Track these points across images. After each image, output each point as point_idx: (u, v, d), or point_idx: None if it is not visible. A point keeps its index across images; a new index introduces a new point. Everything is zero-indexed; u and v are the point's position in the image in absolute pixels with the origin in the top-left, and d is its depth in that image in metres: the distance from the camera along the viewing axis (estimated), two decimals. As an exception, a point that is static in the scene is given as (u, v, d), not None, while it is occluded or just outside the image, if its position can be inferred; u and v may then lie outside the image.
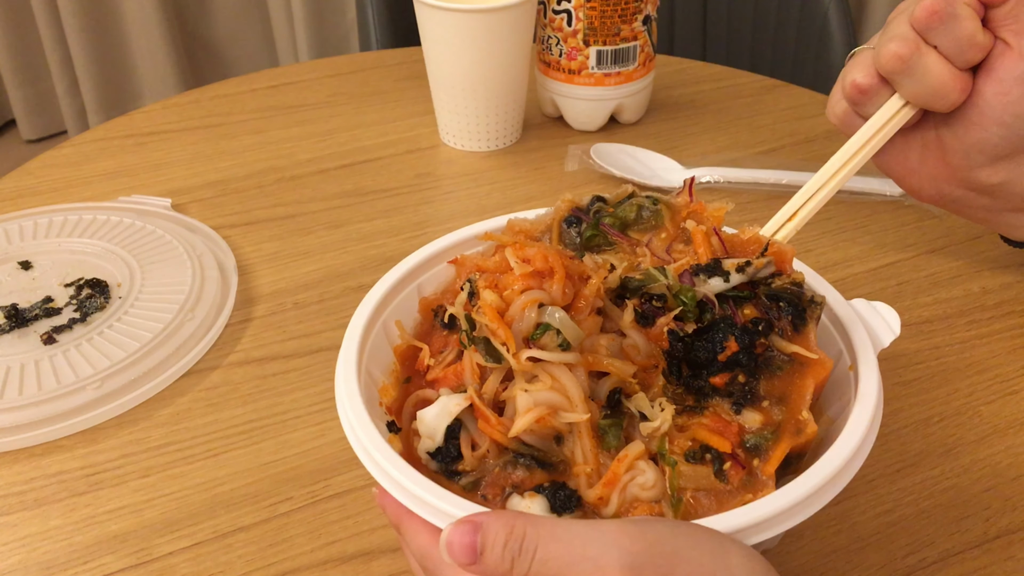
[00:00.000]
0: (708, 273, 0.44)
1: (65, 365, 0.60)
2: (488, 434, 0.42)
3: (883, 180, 0.78)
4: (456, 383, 0.44)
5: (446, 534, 0.35)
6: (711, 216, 0.49)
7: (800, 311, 0.44)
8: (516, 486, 0.42)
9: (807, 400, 0.42)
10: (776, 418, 0.42)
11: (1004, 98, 0.51)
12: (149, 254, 0.70)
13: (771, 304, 0.44)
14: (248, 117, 0.94)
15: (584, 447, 0.41)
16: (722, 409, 0.43)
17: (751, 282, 0.44)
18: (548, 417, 0.41)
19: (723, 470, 0.41)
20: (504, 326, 0.42)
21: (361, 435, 0.41)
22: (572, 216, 0.50)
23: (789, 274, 0.45)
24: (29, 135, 2.43)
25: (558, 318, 0.41)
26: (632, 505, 0.40)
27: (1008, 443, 0.55)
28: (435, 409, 0.43)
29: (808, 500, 0.38)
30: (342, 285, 0.70)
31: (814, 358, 0.43)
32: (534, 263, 0.43)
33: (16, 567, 0.49)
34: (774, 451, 0.41)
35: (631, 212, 0.49)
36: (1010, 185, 0.54)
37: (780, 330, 0.43)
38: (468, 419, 0.43)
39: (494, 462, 0.42)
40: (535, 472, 0.42)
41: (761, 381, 0.43)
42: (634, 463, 0.41)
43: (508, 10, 0.79)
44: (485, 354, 0.42)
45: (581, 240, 0.50)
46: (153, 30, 2.23)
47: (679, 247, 0.49)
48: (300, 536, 0.50)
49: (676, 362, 0.44)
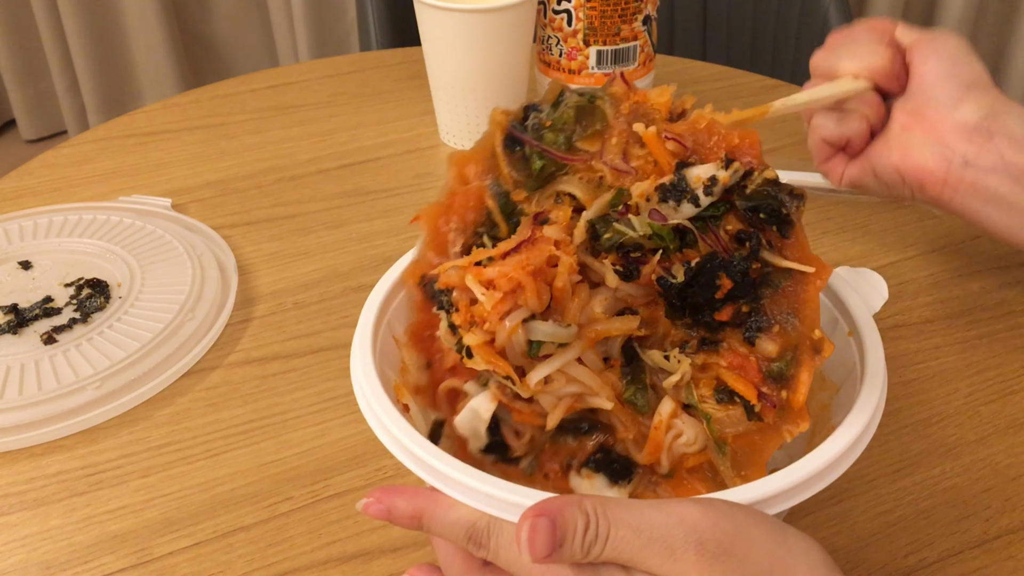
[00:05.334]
0: (676, 197, 0.41)
1: (65, 365, 0.60)
2: (525, 423, 0.42)
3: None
4: (474, 372, 0.43)
5: (525, 531, 0.35)
6: (656, 106, 0.44)
7: (784, 217, 0.41)
8: (572, 456, 0.42)
9: (818, 312, 0.41)
10: (792, 339, 0.41)
11: (935, 44, 0.58)
12: (149, 254, 0.70)
13: (752, 216, 0.41)
14: (248, 117, 0.94)
15: (619, 418, 0.42)
16: (736, 340, 0.41)
17: (726, 192, 0.42)
18: (576, 403, 0.41)
19: (756, 412, 0.41)
20: (501, 361, 0.40)
21: (401, 436, 0.40)
22: (511, 137, 0.46)
23: (759, 168, 0.42)
24: (29, 135, 2.42)
25: (545, 331, 0.40)
26: (682, 460, 0.41)
27: (1008, 443, 0.55)
28: (467, 415, 0.42)
29: (837, 461, 0.39)
30: (342, 285, 0.70)
31: (810, 271, 0.41)
32: (500, 286, 0.40)
33: (16, 567, 0.49)
34: (799, 377, 0.40)
35: (570, 116, 0.45)
36: (995, 117, 0.56)
37: (768, 242, 0.41)
38: (502, 412, 0.42)
39: (542, 439, 0.43)
40: (583, 440, 0.42)
41: (765, 302, 0.41)
42: (670, 423, 0.41)
43: (508, 10, 0.79)
44: (488, 377, 0.42)
45: (530, 171, 0.45)
46: (153, 30, 2.23)
47: (636, 152, 0.45)
48: (300, 536, 0.50)
49: (679, 307, 0.42)
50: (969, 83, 0.57)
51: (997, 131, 0.55)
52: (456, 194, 0.46)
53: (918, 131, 0.58)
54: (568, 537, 0.34)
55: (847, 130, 0.60)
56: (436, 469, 0.39)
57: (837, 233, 0.74)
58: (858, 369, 0.44)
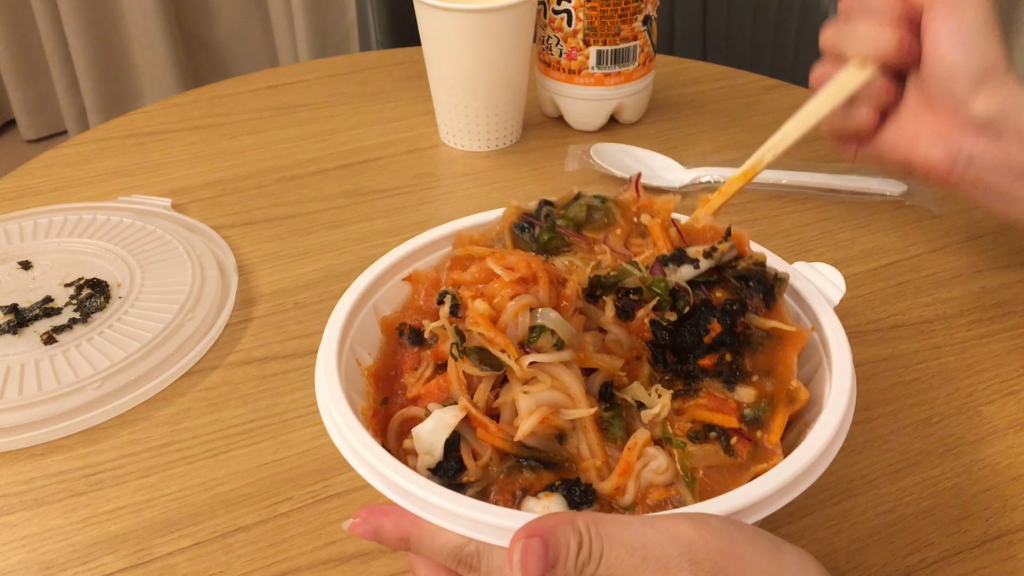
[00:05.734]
0: (676, 262, 0.46)
1: (65, 365, 0.60)
2: (489, 442, 0.42)
3: (883, 180, 0.78)
4: (441, 397, 0.44)
5: (517, 551, 0.34)
6: (661, 209, 0.50)
7: (769, 288, 0.45)
8: (526, 489, 0.42)
9: (793, 370, 0.44)
10: (768, 390, 0.44)
11: (951, 19, 0.54)
12: (149, 254, 0.70)
13: (741, 285, 0.45)
14: (248, 117, 0.94)
15: (591, 441, 0.42)
16: (715, 388, 0.44)
17: (717, 267, 0.46)
18: (551, 416, 0.41)
19: (731, 445, 0.42)
20: (501, 333, 0.42)
21: (367, 454, 0.40)
22: (522, 222, 0.51)
23: (750, 256, 0.47)
24: (29, 135, 2.43)
25: (552, 319, 0.42)
26: (648, 491, 0.41)
27: (1008, 443, 0.55)
28: (431, 424, 0.42)
29: (817, 461, 0.39)
30: (342, 285, 0.69)
31: (792, 330, 0.45)
32: (518, 270, 0.44)
33: (16, 567, 0.49)
34: (774, 421, 0.42)
35: (581, 212, 0.51)
36: (1007, 116, 0.54)
37: (754, 308, 0.45)
38: (465, 430, 0.42)
39: (497, 469, 0.42)
40: (542, 473, 0.42)
41: (746, 358, 0.45)
42: (643, 451, 0.41)
43: (508, 10, 0.79)
44: (479, 363, 0.42)
45: (537, 245, 0.50)
46: (153, 30, 2.23)
47: (636, 241, 0.50)
48: (300, 536, 0.50)
49: (661, 350, 0.45)
50: (983, 70, 0.54)
51: (1007, 129, 0.55)
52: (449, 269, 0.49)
53: (928, 120, 0.57)
54: (561, 557, 0.34)
55: (853, 123, 0.60)
56: (425, 500, 0.38)
57: (837, 233, 0.74)
58: (825, 364, 0.45)
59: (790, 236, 0.73)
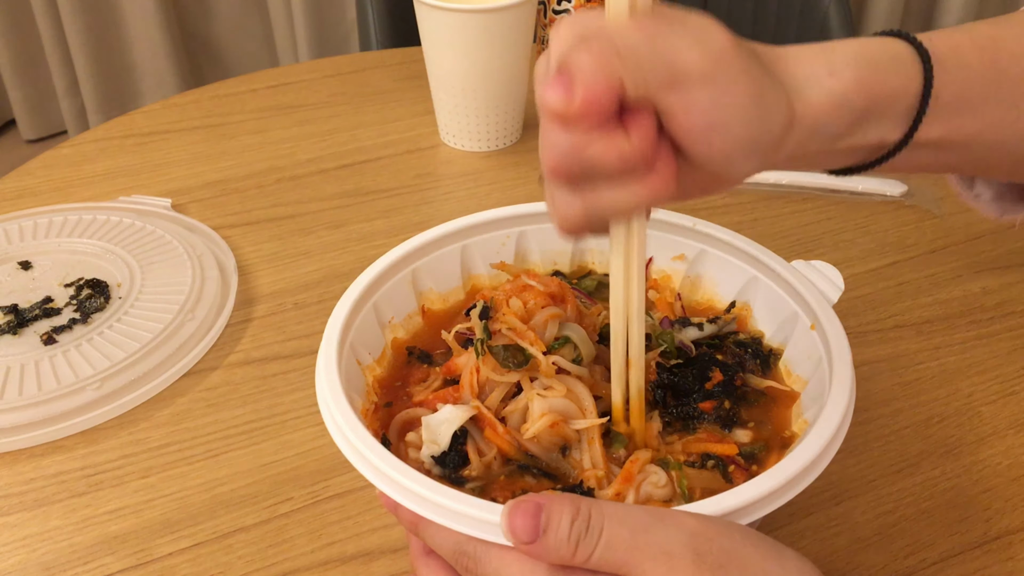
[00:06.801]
0: (682, 325, 0.50)
1: (65, 365, 0.60)
2: (495, 443, 0.43)
3: (883, 180, 0.78)
4: (450, 402, 0.45)
5: (507, 513, 0.34)
6: (665, 287, 0.55)
7: (765, 357, 0.49)
8: (526, 491, 0.42)
9: (789, 422, 0.46)
10: (764, 435, 0.46)
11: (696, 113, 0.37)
12: (149, 254, 0.70)
13: (739, 350, 0.49)
14: (248, 117, 0.94)
15: (594, 453, 0.43)
16: (713, 429, 0.46)
17: (719, 335, 0.50)
18: (560, 424, 0.42)
19: (728, 472, 0.43)
20: (530, 332, 0.44)
21: (367, 453, 0.40)
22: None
23: (749, 331, 0.52)
24: (29, 135, 2.42)
25: (579, 333, 0.45)
26: (647, 502, 0.42)
27: (1008, 443, 0.55)
28: (442, 415, 0.44)
29: (816, 461, 0.39)
30: (342, 285, 0.69)
31: (787, 390, 0.48)
32: (549, 287, 0.47)
33: (16, 567, 0.49)
34: (768, 460, 0.44)
35: (592, 285, 0.55)
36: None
37: (752, 370, 0.49)
38: (472, 430, 0.44)
39: (499, 470, 0.43)
40: (542, 481, 0.43)
41: (741, 410, 0.47)
42: (644, 467, 0.42)
43: (508, 10, 0.79)
44: (502, 359, 0.44)
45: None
46: (153, 30, 2.23)
47: None
48: (300, 537, 0.50)
49: (662, 392, 0.47)
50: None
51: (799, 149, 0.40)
52: None
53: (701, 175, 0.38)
54: (553, 523, 0.33)
55: None
56: (425, 498, 0.38)
57: (837, 233, 0.74)
58: (825, 364, 0.45)
59: (790, 236, 0.73)
